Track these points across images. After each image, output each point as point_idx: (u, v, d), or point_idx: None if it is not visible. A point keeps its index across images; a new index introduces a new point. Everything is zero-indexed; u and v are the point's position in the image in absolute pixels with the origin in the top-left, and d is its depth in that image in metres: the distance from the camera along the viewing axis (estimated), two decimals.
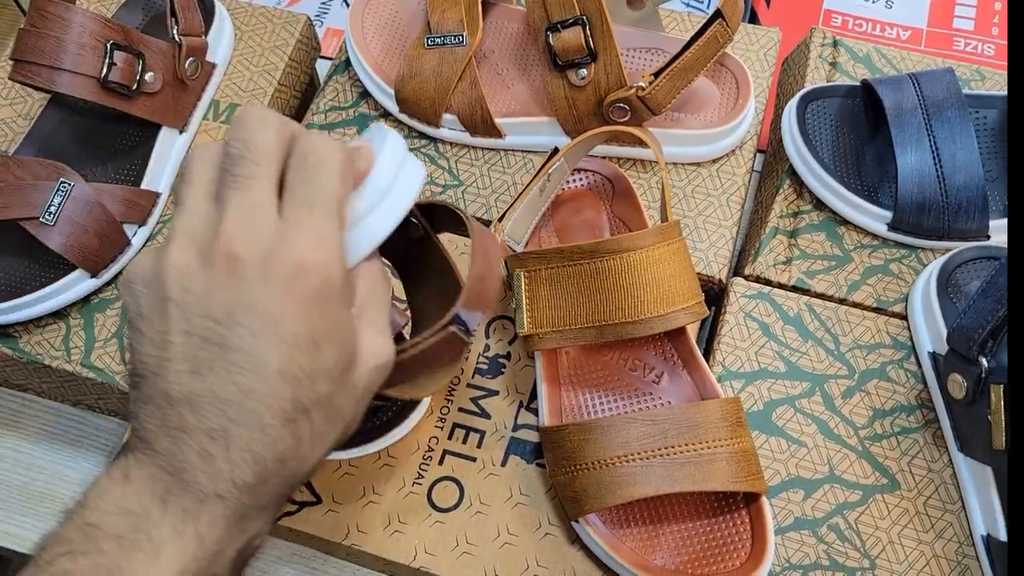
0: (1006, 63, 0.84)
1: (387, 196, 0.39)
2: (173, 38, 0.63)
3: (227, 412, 0.34)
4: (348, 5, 0.89)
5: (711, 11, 0.58)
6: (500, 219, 0.58)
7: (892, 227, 0.61)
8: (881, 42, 0.88)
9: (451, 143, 0.67)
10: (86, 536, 0.34)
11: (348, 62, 0.71)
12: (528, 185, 0.58)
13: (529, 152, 0.67)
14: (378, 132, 0.42)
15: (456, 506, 0.55)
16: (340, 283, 0.36)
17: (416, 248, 0.50)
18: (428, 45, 0.64)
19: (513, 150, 0.67)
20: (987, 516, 0.52)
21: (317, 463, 0.38)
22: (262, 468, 0.35)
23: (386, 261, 0.49)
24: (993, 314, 0.50)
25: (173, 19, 0.63)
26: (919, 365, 0.58)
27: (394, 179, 0.40)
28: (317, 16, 0.93)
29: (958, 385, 0.52)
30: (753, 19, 0.90)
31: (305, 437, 0.36)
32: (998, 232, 0.61)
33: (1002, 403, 0.49)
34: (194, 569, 0.34)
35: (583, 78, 0.61)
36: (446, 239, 0.50)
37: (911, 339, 0.59)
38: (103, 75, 0.60)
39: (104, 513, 0.34)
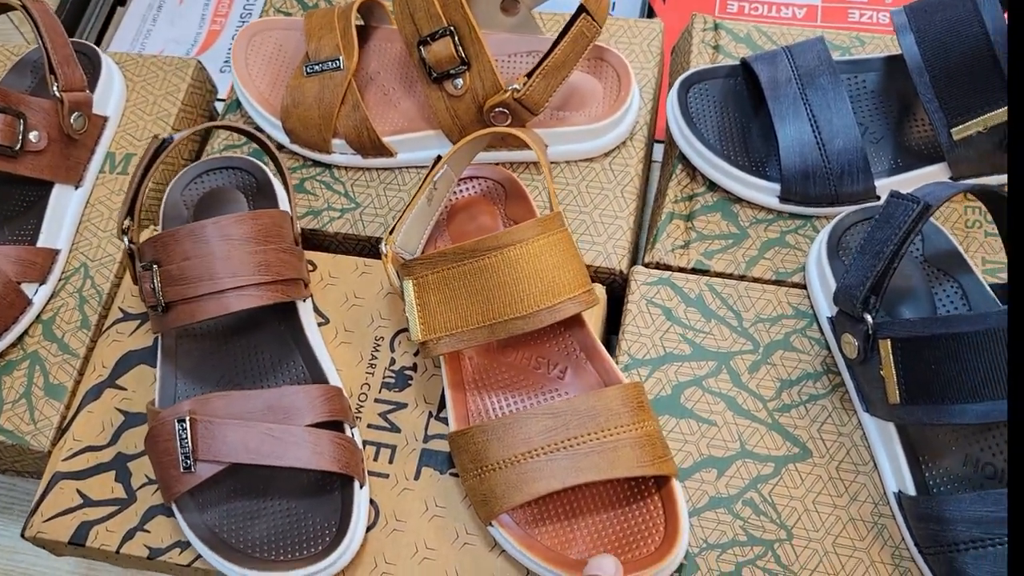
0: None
1: None
2: (54, 95, 0.64)
3: None
4: None
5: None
6: (390, 232, 0.58)
7: (783, 199, 0.61)
8: (778, 23, 0.89)
9: (345, 167, 0.68)
10: None
11: (239, 101, 0.71)
12: (415, 195, 0.59)
13: (423, 168, 0.67)
14: None
15: (372, 526, 0.55)
16: None
17: None
18: (308, 73, 0.65)
19: (407, 167, 0.67)
20: (896, 473, 0.52)
21: None
22: None
23: None
24: (871, 269, 0.50)
25: (52, 76, 0.63)
26: (821, 332, 0.58)
27: None
28: (226, 61, 0.94)
29: (851, 345, 0.52)
30: (651, 15, 0.90)
31: None
32: (887, 191, 0.61)
33: (891, 357, 0.49)
34: None
35: (460, 87, 0.61)
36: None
37: (812, 307, 0.59)
38: None
39: None
